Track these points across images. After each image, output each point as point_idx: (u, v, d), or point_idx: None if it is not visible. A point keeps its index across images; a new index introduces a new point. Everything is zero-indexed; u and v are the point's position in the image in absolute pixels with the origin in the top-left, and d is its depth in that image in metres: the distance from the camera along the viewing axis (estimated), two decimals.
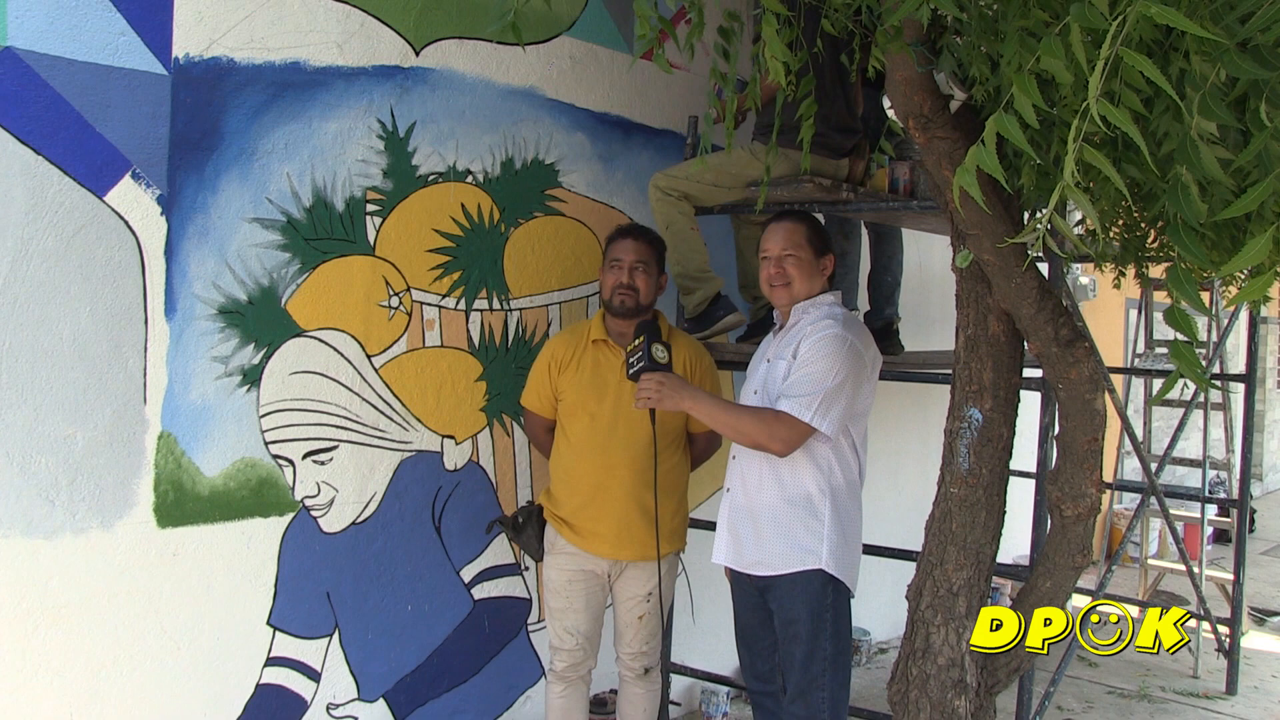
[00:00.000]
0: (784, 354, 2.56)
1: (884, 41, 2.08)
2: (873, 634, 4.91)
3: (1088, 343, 2.24)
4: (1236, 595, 4.79)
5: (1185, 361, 1.42)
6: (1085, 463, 2.28)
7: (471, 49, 3.17)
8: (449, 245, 3.15)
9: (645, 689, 3.04)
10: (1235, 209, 1.29)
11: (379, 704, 3.03)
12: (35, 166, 2.32)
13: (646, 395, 2.54)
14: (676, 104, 3.82)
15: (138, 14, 2.46)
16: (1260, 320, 4.78)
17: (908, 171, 3.31)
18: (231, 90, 2.64)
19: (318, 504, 2.87)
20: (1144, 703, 4.51)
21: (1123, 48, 1.23)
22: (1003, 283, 2.22)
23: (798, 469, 2.53)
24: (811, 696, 2.52)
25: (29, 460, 2.34)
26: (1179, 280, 1.39)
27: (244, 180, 2.68)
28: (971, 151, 1.42)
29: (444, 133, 3.11)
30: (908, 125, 2.22)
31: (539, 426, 3.07)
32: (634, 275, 2.89)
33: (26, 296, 2.32)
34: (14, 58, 2.28)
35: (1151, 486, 4.47)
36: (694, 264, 3.32)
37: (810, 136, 2.52)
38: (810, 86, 2.45)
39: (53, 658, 2.38)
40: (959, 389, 2.45)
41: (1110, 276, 3.00)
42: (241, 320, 2.69)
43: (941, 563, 2.43)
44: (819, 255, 2.64)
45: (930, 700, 2.40)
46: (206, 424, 2.63)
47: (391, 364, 3.01)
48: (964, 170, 1.44)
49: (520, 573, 3.41)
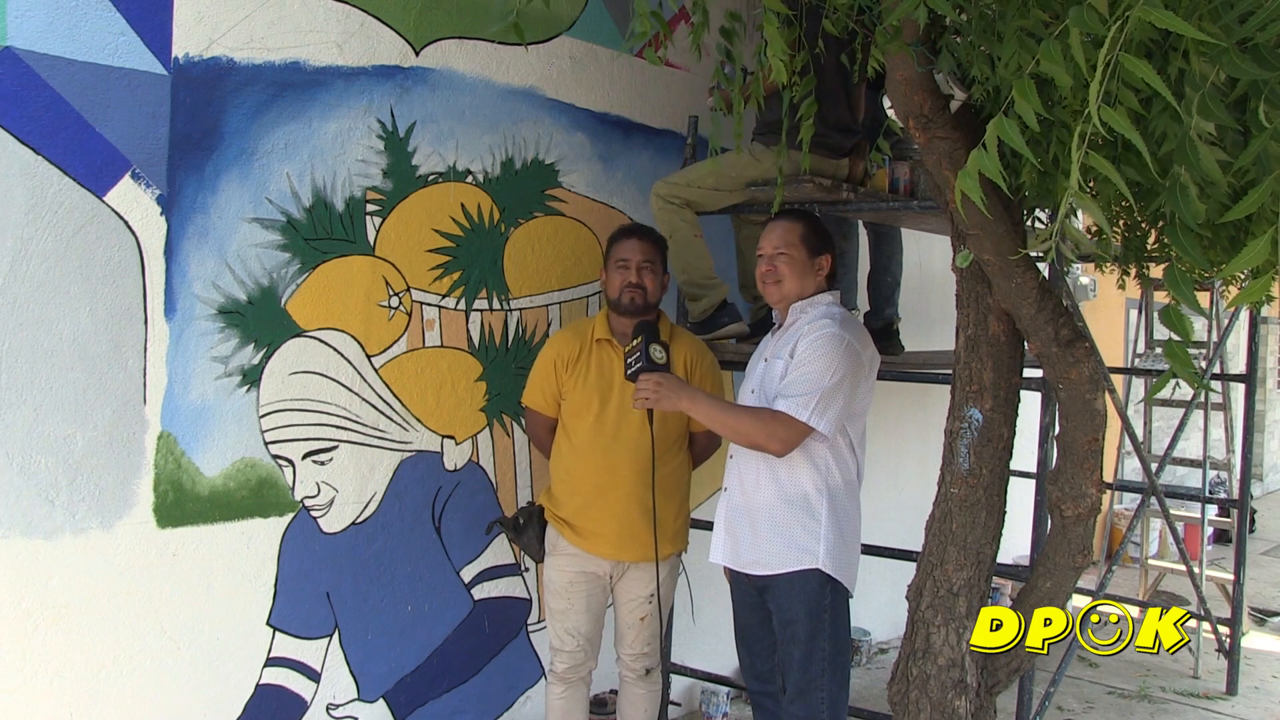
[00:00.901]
0: (781, 353, 2.56)
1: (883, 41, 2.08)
2: (873, 634, 4.91)
3: (1088, 343, 2.24)
4: (1237, 595, 4.78)
5: (1179, 361, 1.42)
6: (1085, 463, 2.28)
7: (471, 49, 3.17)
8: (449, 245, 3.15)
9: (646, 689, 3.04)
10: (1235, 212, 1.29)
11: (379, 704, 3.03)
12: (35, 166, 2.32)
13: (644, 396, 2.54)
14: (676, 104, 3.82)
15: (137, 14, 2.46)
16: (1260, 320, 4.77)
17: (908, 171, 3.31)
18: (231, 90, 2.64)
19: (318, 504, 2.87)
20: (1144, 703, 4.51)
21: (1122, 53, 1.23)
22: (1003, 283, 2.22)
23: (795, 469, 2.53)
24: (810, 697, 2.52)
25: (29, 460, 2.34)
26: (1176, 281, 1.39)
27: (244, 180, 2.68)
28: (973, 156, 1.42)
29: (444, 133, 3.11)
30: (908, 125, 2.22)
31: (541, 426, 3.06)
32: (641, 274, 2.89)
33: (26, 296, 2.32)
34: (14, 58, 2.28)
35: (1152, 486, 4.47)
36: (699, 271, 3.32)
37: (810, 136, 2.52)
38: (811, 86, 2.45)
39: (53, 658, 2.39)
40: (959, 389, 2.45)
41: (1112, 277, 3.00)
42: (241, 320, 2.69)
43: (941, 563, 2.43)
44: (813, 255, 2.63)
45: (930, 700, 2.40)
46: (206, 424, 2.63)
47: (391, 364, 3.01)
48: (966, 174, 1.44)
49: (520, 573, 3.41)
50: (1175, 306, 1.43)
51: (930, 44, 2.13)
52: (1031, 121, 1.38)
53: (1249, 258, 1.26)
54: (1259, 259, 1.25)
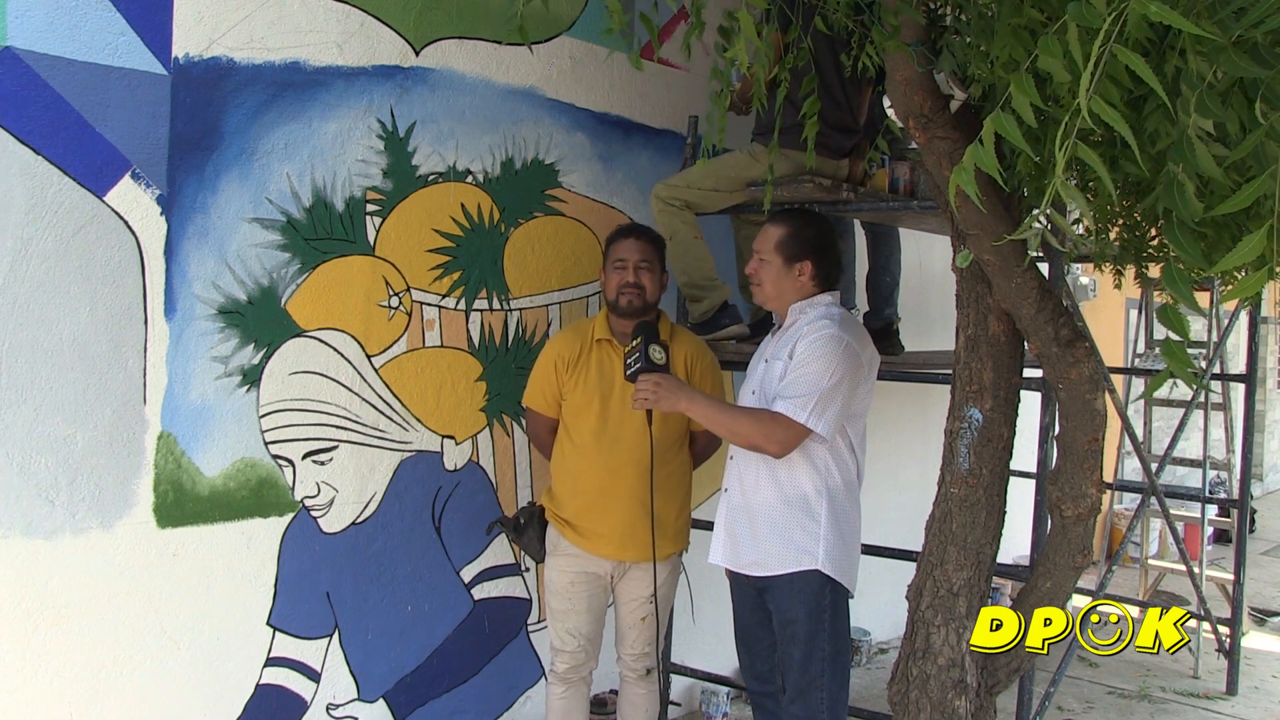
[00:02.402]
0: (781, 354, 2.56)
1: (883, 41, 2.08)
2: (873, 634, 4.91)
3: (1088, 343, 2.24)
4: (1237, 595, 4.78)
5: (1176, 361, 1.42)
6: (1085, 463, 2.28)
7: (471, 49, 3.17)
8: (449, 245, 3.15)
9: (646, 689, 3.04)
10: (1228, 206, 1.29)
11: (379, 704, 3.03)
12: (35, 166, 2.32)
13: (643, 396, 2.54)
14: (676, 104, 3.82)
15: (137, 14, 2.46)
16: (1260, 320, 4.77)
17: (908, 171, 3.31)
18: (231, 90, 2.64)
19: (318, 504, 2.87)
20: (1144, 703, 4.51)
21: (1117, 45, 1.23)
22: (1003, 283, 2.22)
23: (794, 470, 2.53)
24: (810, 697, 2.52)
25: (29, 460, 2.34)
26: (1174, 279, 1.39)
27: (244, 180, 2.68)
28: (969, 150, 1.42)
29: (444, 133, 3.12)
30: (908, 125, 2.22)
31: (542, 427, 3.05)
32: (640, 274, 2.89)
33: (26, 296, 2.33)
34: (14, 58, 2.29)
35: (1152, 486, 4.46)
36: (700, 272, 3.32)
37: (814, 134, 2.51)
38: (812, 85, 2.45)
39: (53, 658, 2.39)
40: (959, 389, 2.45)
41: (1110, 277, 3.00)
42: (241, 320, 2.69)
43: (942, 563, 2.43)
44: (790, 262, 2.60)
45: (930, 700, 2.40)
46: (206, 424, 2.63)
47: (391, 364, 3.01)
48: (961, 169, 1.44)
49: (520, 573, 3.41)
50: (1173, 305, 1.43)
51: (930, 44, 2.14)
52: (1029, 117, 1.38)
53: (1242, 254, 1.26)
54: (1252, 255, 1.25)
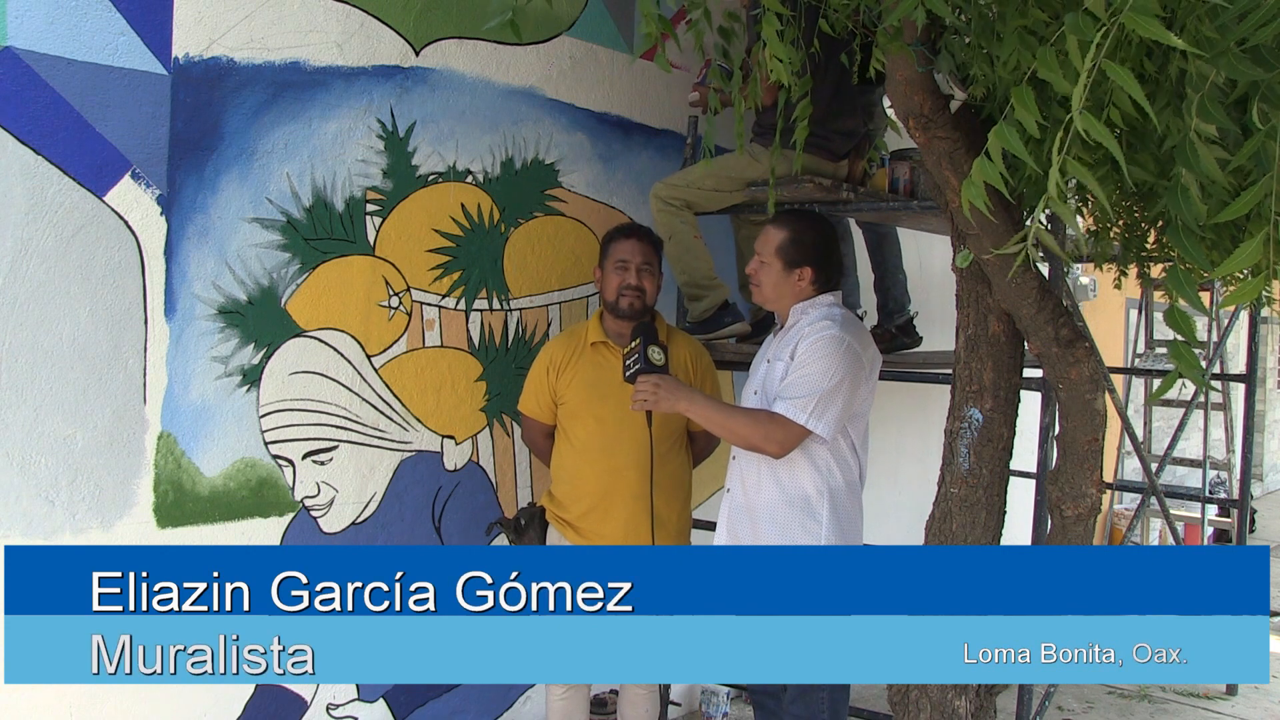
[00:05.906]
0: (782, 355, 2.56)
1: (883, 41, 2.08)
2: None
3: (1088, 343, 2.24)
4: None
5: (1185, 362, 1.41)
6: (1085, 463, 2.28)
7: (471, 49, 3.17)
8: (449, 245, 3.15)
9: (646, 690, 3.03)
10: (1230, 211, 1.29)
11: (379, 704, 3.03)
12: (35, 166, 2.32)
13: (643, 398, 2.54)
14: (676, 104, 3.82)
15: (137, 14, 2.46)
16: (1260, 320, 4.78)
17: (908, 171, 3.31)
18: (231, 90, 2.64)
19: (318, 504, 2.87)
20: (1144, 703, 4.51)
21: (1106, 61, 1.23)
22: (1003, 283, 2.22)
23: (796, 470, 2.52)
24: (811, 697, 2.52)
25: (29, 460, 2.34)
26: (1178, 281, 1.39)
27: (244, 180, 2.68)
28: (976, 164, 1.42)
29: (444, 133, 3.11)
30: (908, 125, 2.22)
31: (538, 433, 3.04)
32: (641, 276, 2.88)
33: (26, 296, 2.33)
34: (14, 58, 2.28)
35: (1152, 486, 4.47)
36: (700, 272, 3.32)
37: (805, 138, 2.51)
38: (808, 87, 2.44)
39: None
40: (959, 389, 2.45)
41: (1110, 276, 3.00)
42: (241, 320, 2.69)
43: None
44: (790, 267, 2.57)
45: (930, 700, 2.40)
46: (206, 424, 2.63)
47: (391, 364, 3.01)
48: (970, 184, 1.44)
49: None
50: (1178, 307, 1.43)
51: (930, 44, 2.13)
52: (1032, 128, 1.38)
53: (1242, 258, 1.26)
54: (1252, 260, 1.25)
